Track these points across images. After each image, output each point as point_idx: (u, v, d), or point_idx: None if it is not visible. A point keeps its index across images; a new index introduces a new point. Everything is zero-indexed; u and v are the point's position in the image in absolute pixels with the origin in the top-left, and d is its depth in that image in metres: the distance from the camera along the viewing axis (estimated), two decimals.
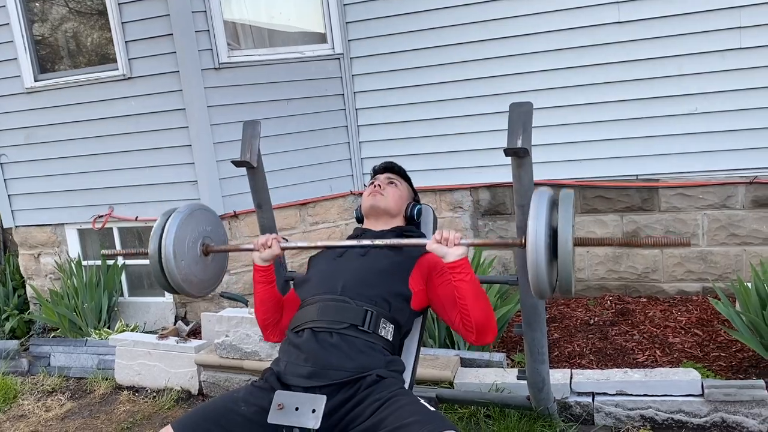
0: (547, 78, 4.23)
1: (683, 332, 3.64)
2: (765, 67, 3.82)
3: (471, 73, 4.40)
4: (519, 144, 1.96)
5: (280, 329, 2.19)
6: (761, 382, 2.66)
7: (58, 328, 4.65)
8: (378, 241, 2.00)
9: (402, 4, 4.48)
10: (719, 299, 3.30)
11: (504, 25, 4.27)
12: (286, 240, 2.14)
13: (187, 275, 2.11)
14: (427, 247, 1.87)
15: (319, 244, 2.17)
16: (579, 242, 1.73)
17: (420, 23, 4.46)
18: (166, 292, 4.75)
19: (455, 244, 1.84)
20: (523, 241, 1.76)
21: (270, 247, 2.07)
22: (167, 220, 2.09)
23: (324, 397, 1.73)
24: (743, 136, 3.93)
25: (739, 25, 3.82)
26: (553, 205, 1.72)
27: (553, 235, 1.67)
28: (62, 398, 3.77)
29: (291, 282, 2.65)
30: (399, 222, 2.28)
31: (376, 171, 2.41)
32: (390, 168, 2.40)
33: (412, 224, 2.33)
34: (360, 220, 2.38)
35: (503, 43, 4.29)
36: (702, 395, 2.68)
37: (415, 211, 2.30)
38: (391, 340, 1.92)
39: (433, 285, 2.03)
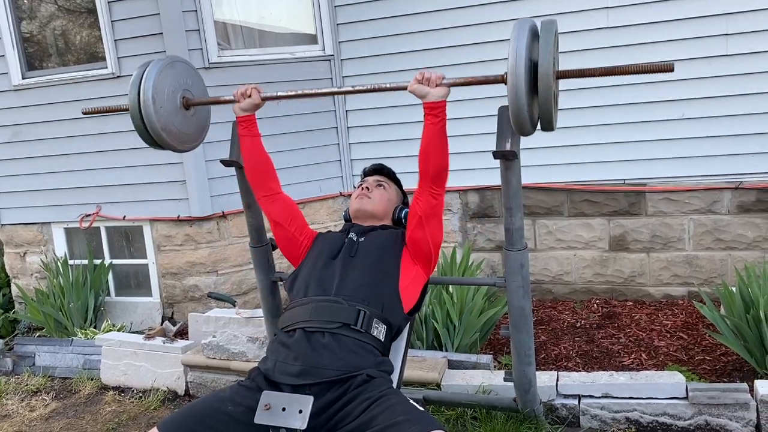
0: None
1: (669, 336, 3.67)
2: (751, 74, 3.86)
3: (461, 76, 4.40)
4: (507, 147, 1.98)
5: (269, 199, 2.22)
6: (744, 385, 2.69)
7: (43, 328, 4.62)
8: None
9: (392, 6, 4.49)
10: (704, 303, 3.33)
11: (494, 29, 4.29)
12: (274, 242, 2.15)
13: (166, 124, 2.11)
14: (408, 88, 1.91)
15: (299, 92, 2.16)
16: (560, 75, 1.70)
17: (410, 26, 4.47)
18: (153, 292, 4.73)
19: (437, 85, 1.86)
20: (504, 77, 1.74)
21: (250, 96, 2.11)
22: (146, 67, 2.08)
23: (311, 398, 1.73)
24: (729, 142, 3.97)
25: (726, 32, 3.86)
26: (534, 36, 1.67)
27: (533, 66, 1.62)
28: (47, 398, 3.74)
29: (279, 282, 2.65)
30: (386, 223, 2.29)
31: (366, 173, 2.42)
32: (379, 170, 2.40)
33: (400, 226, 2.33)
34: (348, 221, 2.39)
35: (493, 46, 4.31)
36: (686, 398, 2.70)
37: (402, 215, 2.31)
38: (382, 340, 1.93)
39: (410, 242, 2.08)
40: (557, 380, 2.91)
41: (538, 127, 1.74)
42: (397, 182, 2.43)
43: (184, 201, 4.40)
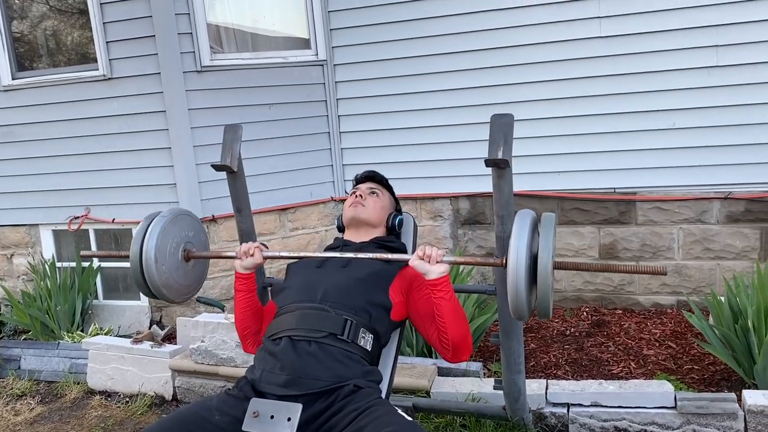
0: (529, 90, 4.27)
1: (657, 344, 3.68)
2: (740, 85, 3.89)
3: (453, 83, 4.43)
4: (500, 155, 1.97)
5: (259, 340, 2.16)
6: (732, 395, 2.70)
7: (29, 331, 4.57)
8: (361, 255, 2.00)
9: (386, 13, 4.50)
10: (693, 312, 3.34)
11: (486, 37, 4.31)
12: (266, 247, 2.13)
13: (167, 280, 2.09)
14: (410, 263, 1.87)
15: (301, 254, 2.16)
16: (559, 266, 1.75)
17: (404, 32, 4.48)
18: (141, 296, 4.69)
19: (437, 262, 1.84)
20: (504, 261, 1.78)
21: (252, 255, 2.05)
22: (150, 223, 2.07)
23: (300, 406, 1.72)
24: (719, 152, 4.00)
25: (716, 44, 3.89)
26: (535, 228, 1.73)
27: (533, 258, 1.68)
28: (32, 402, 3.70)
29: (269, 288, 2.64)
30: (380, 232, 2.27)
31: (358, 180, 2.41)
32: (372, 177, 2.39)
33: (393, 234, 2.33)
34: (341, 229, 2.37)
35: (486, 54, 4.32)
36: (675, 407, 2.71)
37: (396, 222, 2.30)
38: (369, 350, 1.91)
39: (413, 298, 2.03)
40: (546, 388, 2.91)
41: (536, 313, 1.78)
42: (390, 189, 2.42)
43: (174, 204, 4.38)
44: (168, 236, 2.09)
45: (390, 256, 1.97)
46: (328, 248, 2.29)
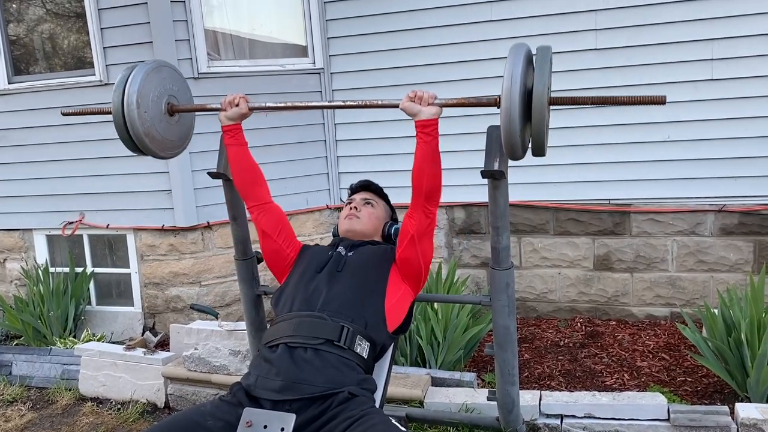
0: None
1: (651, 356, 3.68)
2: (735, 99, 3.92)
3: (449, 93, 4.40)
4: (496, 167, 1.99)
5: (259, 209, 2.18)
6: (725, 408, 2.70)
7: (21, 336, 4.55)
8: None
9: (383, 23, 4.52)
10: (686, 325, 3.35)
11: (481, 47, 4.32)
12: (259, 255, 2.12)
13: (149, 129, 2.07)
14: (400, 105, 1.91)
15: (288, 104, 2.15)
16: (554, 101, 1.71)
17: (400, 42, 4.50)
18: (134, 302, 4.68)
19: (429, 104, 1.87)
20: (498, 100, 1.74)
21: (237, 105, 2.08)
22: (132, 71, 2.04)
23: (293, 416, 1.71)
24: (713, 165, 4.02)
25: (711, 57, 3.92)
26: (529, 62, 1.68)
27: (527, 92, 1.63)
28: (23, 408, 3.67)
29: (263, 296, 2.63)
30: (376, 239, 2.29)
31: (353, 189, 2.41)
32: (367, 186, 2.40)
33: (390, 242, 2.33)
34: (337, 237, 2.38)
35: (481, 64, 4.34)
36: (668, 420, 2.71)
37: (392, 231, 2.30)
38: (365, 357, 1.91)
39: (399, 261, 2.06)
40: (540, 399, 2.91)
41: (529, 151, 1.75)
42: (385, 198, 2.43)
43: (169, 210, 4.37)
44: (151, 84, 2.06)
45: (379, 101, 2.01)
46: (328, 246, 2.29)
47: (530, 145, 1.68)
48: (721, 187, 4.02)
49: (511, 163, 2.07)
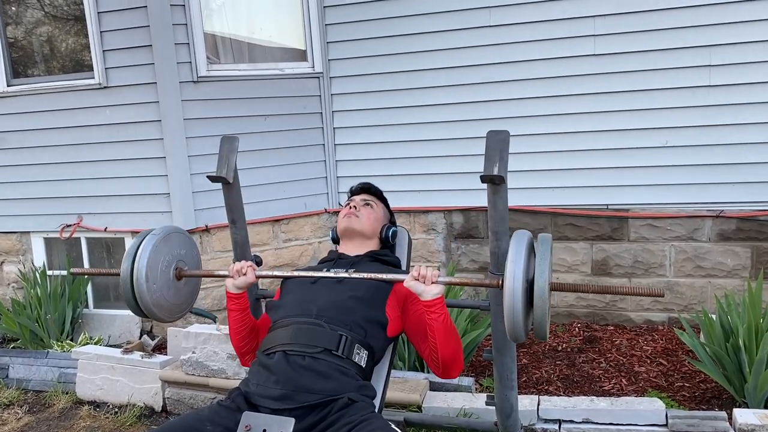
0: (523, 106, 4.30)
1: (649, 361, 3.69)
2: (733, 105, 3.93)
3: (448, 98, 4.45)
4: (495, 171, 1.98)
5: (257, 344, 2.14)
6: (723, 413, 2.71)
7: (18, 339, 4.53)
8: (355, 275, 1.98)
9: (382, 27, 4.53)
10: (684, 330, 3.35)
11: (481, 53, 4.34)
12: (259, 262, 2.11)
13: (158, 299, 2.07)
14: (405, 284, 1.86)
15: (295, 273, 2.15)
16: (555, 287, 1.75)
17: (400, 47, 4.51)
18: None
19: (432, 282, 1.83)
20: (500, 283, 1.77)
21: (245, 274, 2.02)
22: (141, 242, 2.05)
23: (292, 420, 1.71)
24: (711, 171, 4.03)
25: (710, 64, 3.93)
26: (531, 250, 1.72)
27: (530, 282, 1.67)
28: (19, 412, 3.66)
29: (262, 300, 2.63)
30: (374, 245, 2.28)
31: (353, 192, 2.41)
32: (367, 189, 2.40)
33: (387, 247, 2.33)
34: (335, 240, 2.38)
35: (481, 69, 4.35)
36: (666, 425, 2.71)
37: (390, 234, 2.30)
38: (364, 366, 1.91)
39: (408, 313, 2.03)
40: (538, 404, 2.91)
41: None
42: (385, 201, 2.43)
43: (168, 214, 4.37)
44: (159, 255, 2.07)
45: (384, 276, 1.95)
46: (322, 261, 2.29)
47: (533, 329, 1.73)
48: (718, 192, 4.03)
49: (509, 167, 2.06)
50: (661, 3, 3.96)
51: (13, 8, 4.69)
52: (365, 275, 1.97)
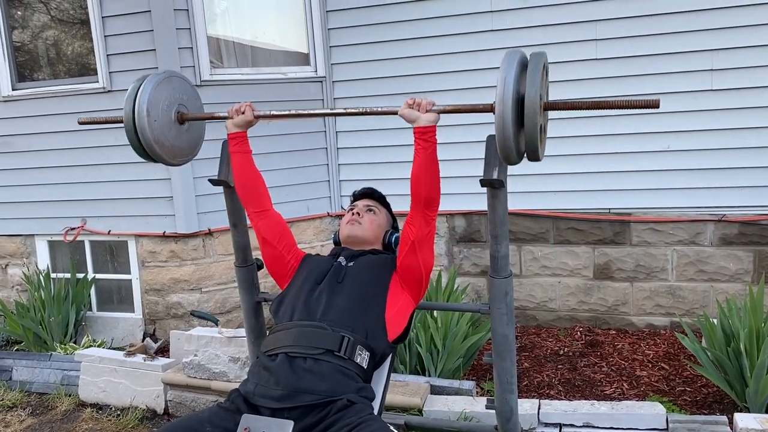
0: None
1: (650, 366, 3.68)
2: (735, 109, 3.93)
3: (448, 101, 4.44)
4: (495, 175, 1.99)
5: (260, 216, 2.21)
6: (724, 418, 2.70)
7: (22, 341, 4.55)
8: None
9: (385, 31, 4.55)
10: (686, 334, 3.35)
11: (481, 57, 4.35)
12: (261, 263, 2.13)
13: (158, 137, 2.12)
14: (399, 112, 1.91)
15: (293, 112, 2.18)
16: (548, 106, 1.72)
17: (402, 51, 4.52)
18: (135, 308, 4.68)
19: (427, 110, 1.88)
20: (493, 106, 1.75)
21: (243, 113, 2.12)
22: (143, 81, 2.10)
23: (291, 423, 1.72)
24: (713, 175, 4.03)
25: (712, 68, 3.94)
26: (523, 68, 1.68)
27: (520, 98, 1.63)
28: (23, 414, 3.68)
29: (263, 303, 2.64)
30: (377, 248, 2.29)
31: (356, 196, 2.42)
32: (369, 194, 2.41)
33: (389, 251, 2.34)
34: (337, 244, 2.38)
35: (482, 73, 4.36)
36: (666, 429, 2.71)
37: (393, 239, 2.31)
38: (365, 367, 1.92)
39: (400, 268, 2.06)
40: (539, 408, 2.91)
41: (525, 157, 1.76)
42: (387, 206, 2.44)
43: (170, 217, 4.39)
44: (161, 94, 2.12)
45: (377, 109, 2.01)
46: (328, 256, 2.30)
47: (525, 151, 1.69)
48: (721, 196, 4.03)
49: (511, 171, 2.07)
50: (662, 7, 3.96)
51: (19, 13, 4.72)
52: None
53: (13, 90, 4.67)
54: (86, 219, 4.65)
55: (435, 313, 3.51)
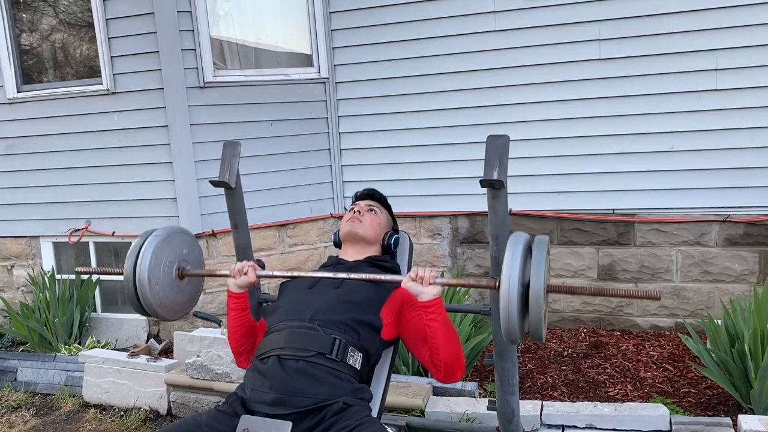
0: (529, 110, 4.29)
1: (655, 367, 3.66)
2: (739, 109, 3.91)
3: (453, 103, 4.46)
4: (495, 176, 1.98)
5: (252, 348, 2.15)
6: (728, 419, 2.69)
7: (27, 342, 4.57)
8: (354, 275, 1.99)
9: (388, 32, 4.54)
10: (690, 335, 3.33)
11: (485, 57, 4.34)
12: (263, 266, 2.12)
13: (161, 300, 2.09)
14: (403, 285, 1.85)
15: (294, 273, 2.17)
16: (552, 290, 1.74)
17: (405, 52, 4.52)
18: None
19: (430, 284, 1.82)
20: (497, 284, 1.76)
21: (246, 273, 2.03)
22: (143, 243, 2.06)
23: (290, 424, 1.72)
24: (718, 175, 4.01)
25: (716, 68, 3.91)
26: (529, 251, 1.72)
27: (525, 284, 1.66)
28: (27, 415, 3.69)
29: (264, 304, 2.64)
30: (374, 251, 2.28)
31: (358, 197, 2.42)
32: (371, 195, 2.41)
33: (389, 253, 2.33)
34: (337, 244, 2.38)
35: (486, 74, 4.35)
36: (670, 431, 2.69)
37: (392, 241, 2.31)
38: (359, 368, 1.91)
39: (404, 319, 2.02)
40: (541, 409, 2.90)
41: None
42: (388, 208, 2.43)
43: (174, 219, 4.40)
44: (162, 255, 2.09)
45: (382, 277, 1.95)
46: (322, 267, 2.30)
47: (529, 333, 1.71)
48: (726, 197, 4.01)
49: (515, 172, 2.07)
50: (666, 7, 3.95)
51: (24, 15, 4.74)
52: (363, 276, 1.97)
53: (18, 92, 4.69)
54: (91, 220, 4.67)
55: None
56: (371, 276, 1.95)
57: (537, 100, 4.27)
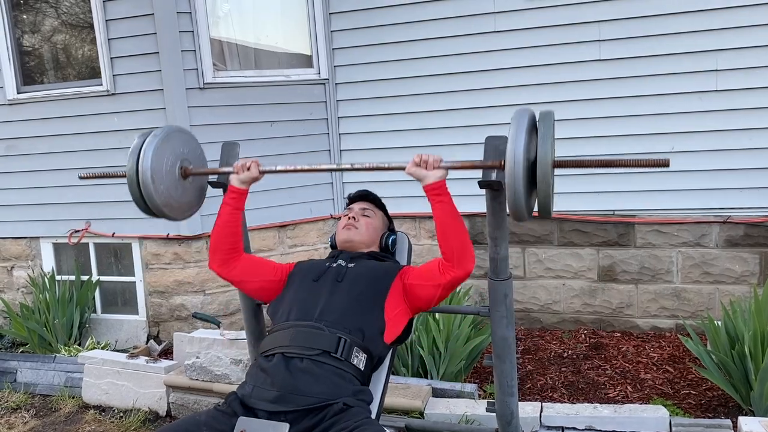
0: None
1: (655, 368, 3.66)
2: (740, 110, 3.90)
3: (453, 104, 4.45)
4: (493, 177, 1.98)
5: (226, 259, 2.12)
6: (728, 421, 2.68)
7: (27, 343, 4.57)
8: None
9: (388, 33, 4.54)
10: (690, 337, 3.32)
11: (484, 58, 4.34)
12: None
13: (167, 200, 2.08)
14: (406, 170, 1.89)
15: (298, 167, 2.15)
16: (558, 164, 1.70)
17: (405, 53, 4.52)
18: (139, 310, 4.70)
19: (434, 167, 1.85)
20: (502, 163, 1.72)
21: (249, 169, 2.07)
22: (143, 143, 2.04)
23: (287, 425, 1.72)
24: (718, 176, 4.00)
25: (716, 68, 3.91)
26: (533, 127, 1.67)
27: (531, 161, 1.62)
28: (26, 416, 3.69)
29: (263, 305, 2.63)
30: (374, 249, 2.28)
31: (351, 199, 2.42)
32: (365, 197, 2.40)
33: (387, 253, 2.33)
34: (334, 247, 2.38)
35: (484, 75, 4.35)
36: None
37: (390, 242, 2.30)
38: (362, 369, 1.91)
39: (410, 281, 2.04)
40: (541, 411, 2.89)
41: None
42: (383, 208, 2.43)
43: (174, 220, 4.39)
44: (162, 155, 2.06)
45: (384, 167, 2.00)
46: (326, 260, 2.29)
47: (536, 208, 1.68)
48: (726, 198, 4.00)
49: None
50: (666, 8, 3.94)
51: (24, 16, 4.74)
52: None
53: (18, 93, 4.69)
54: (91, 221, 4.67)
55: (437, 315, 3.49)
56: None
57: (537, 100, 4.26)
